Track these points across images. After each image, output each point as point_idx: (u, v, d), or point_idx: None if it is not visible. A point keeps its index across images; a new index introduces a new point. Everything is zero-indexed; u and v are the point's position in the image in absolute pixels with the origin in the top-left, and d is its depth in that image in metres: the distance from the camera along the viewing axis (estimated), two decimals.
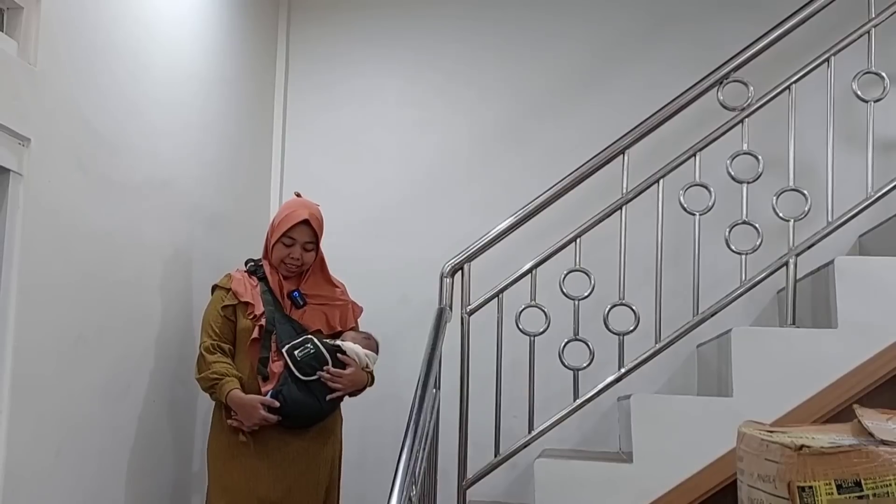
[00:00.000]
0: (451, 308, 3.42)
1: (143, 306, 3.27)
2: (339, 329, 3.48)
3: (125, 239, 3.14)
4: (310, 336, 3.34)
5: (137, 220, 3.22)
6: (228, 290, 3.36)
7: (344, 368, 3.32)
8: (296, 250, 3.38)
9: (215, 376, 3.23)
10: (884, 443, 2.33)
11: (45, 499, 2.71)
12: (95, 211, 2.94)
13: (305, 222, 3.38)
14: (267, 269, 3.42)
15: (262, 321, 3.30)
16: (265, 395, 3.24)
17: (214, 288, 3.43)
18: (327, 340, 3.37)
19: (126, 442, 3.17)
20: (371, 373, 3.44)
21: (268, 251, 3.43)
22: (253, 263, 3.47)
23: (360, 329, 3.55)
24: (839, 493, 2.29)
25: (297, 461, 3.30)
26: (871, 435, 2.41)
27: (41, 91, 2.64)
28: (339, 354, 3.34)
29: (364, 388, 3.44)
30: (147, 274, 3.30)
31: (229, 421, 3.24)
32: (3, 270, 2.52)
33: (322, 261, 3.52)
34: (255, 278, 3.41)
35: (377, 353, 3.51)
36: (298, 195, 3.52)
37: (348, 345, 3.39)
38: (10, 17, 2.61)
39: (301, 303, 3.40)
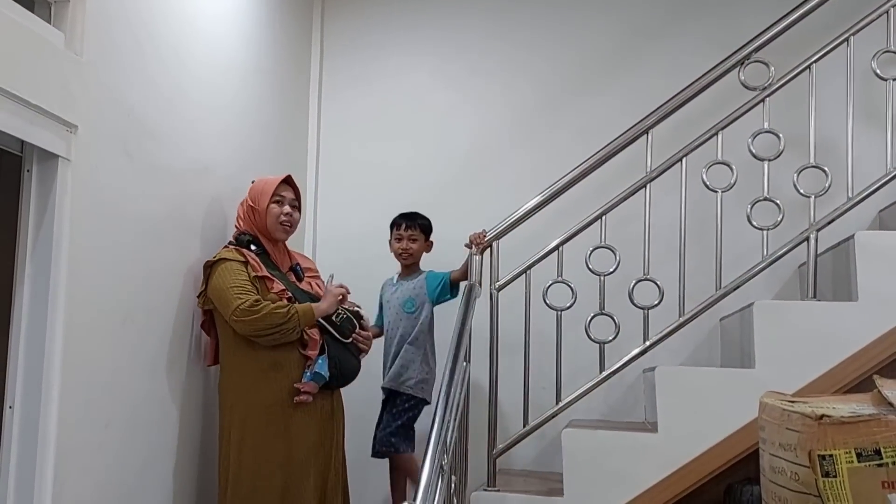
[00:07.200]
0: (480, 284, 3.51)
1: (186, 286, 3.35)
2: None
3: (169, 222, 3.22)
4: None
5: (180, 204, 3.31)
6: (245, 262, 3.31)
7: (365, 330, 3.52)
8: (286, 207, 3.47)
9: (283, 310, 3.21)
10: None
11: (95, 469, 2.82)
12: (140, 195, 3.03)
13: (287, 179, 3.50)
14: (267, 245, 3.45)
15: (288, 293, 3.34)
16: (313, 359, 3.27)
17: (215, 263, 3.30)
18: (346, 306, 3.46)
19: (172, 415, 3.27)
20: None
21: (258, 222, 3.42)
22: (247, 238, 3.41)
23: None
24: (859, 462, 2.33)
25: (334, 418, 3.43)
26: (890, 405, 2.44)
27: (88, 80, 2.72)
28: (360, 320, 3.51)
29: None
30: (190, 255, 3.38)
31: (298, 398, 3.25)
32: (53, 252, 2.61)
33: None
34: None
35: None
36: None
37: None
38: (58, 9, 2.69)
39: (301, 275, 3.53)
